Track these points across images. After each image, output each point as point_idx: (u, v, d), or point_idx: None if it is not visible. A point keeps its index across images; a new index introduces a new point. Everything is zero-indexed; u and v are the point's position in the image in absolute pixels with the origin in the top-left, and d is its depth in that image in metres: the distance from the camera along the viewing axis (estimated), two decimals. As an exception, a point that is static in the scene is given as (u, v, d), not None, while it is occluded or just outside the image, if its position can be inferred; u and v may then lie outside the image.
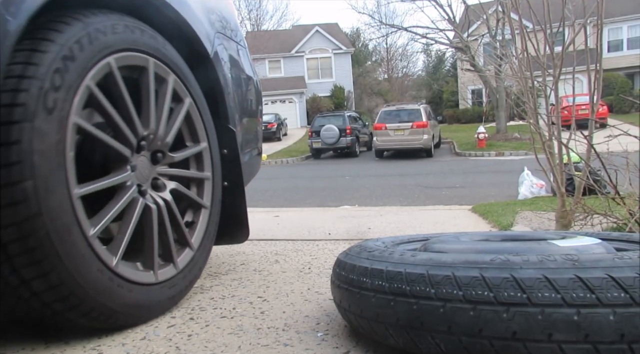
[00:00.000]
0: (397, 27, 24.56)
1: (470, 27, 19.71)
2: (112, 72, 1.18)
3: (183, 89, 1.44)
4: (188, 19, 1.46)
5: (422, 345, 0.87)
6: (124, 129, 1.21)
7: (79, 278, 1.03)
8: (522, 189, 6.06)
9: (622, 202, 2.08)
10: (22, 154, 0.94)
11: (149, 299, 1.23)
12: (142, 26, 1.30)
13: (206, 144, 1.53)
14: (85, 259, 1.05)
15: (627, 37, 26.65)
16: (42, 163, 0.97)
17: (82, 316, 1.08)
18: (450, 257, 0.90)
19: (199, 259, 1.46)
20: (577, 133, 2.41)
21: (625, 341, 0.74)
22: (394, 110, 17.16)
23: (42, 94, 0.97)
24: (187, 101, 1.45)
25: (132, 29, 1.25)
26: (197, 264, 1.45)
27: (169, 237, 1.33)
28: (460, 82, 31.10)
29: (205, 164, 1.53)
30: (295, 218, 3.65)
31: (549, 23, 2.45)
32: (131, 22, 1.25)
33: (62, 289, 1.02)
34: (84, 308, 1.07)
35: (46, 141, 0.98)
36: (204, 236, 1.49)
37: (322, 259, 2.00)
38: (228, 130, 1.64)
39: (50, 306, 1.04)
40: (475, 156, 16.15)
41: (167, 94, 1.37)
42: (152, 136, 1.32)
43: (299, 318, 1.25)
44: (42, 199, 0.97)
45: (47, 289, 1.01)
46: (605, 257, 0.82)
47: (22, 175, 0.94)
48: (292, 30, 36.28)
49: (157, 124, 1.33)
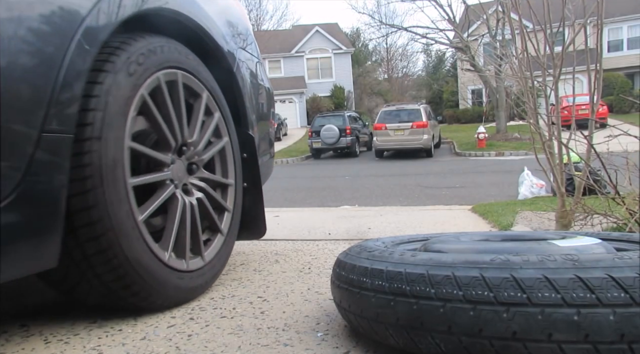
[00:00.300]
0: (397, 27, 24.57)
1: (470, 27, 19.71)
2: (160, 85, 1.35)
3: (214, 104, 1.62)
4: (217, 40, 1.66)
5: (422, 345, 0.87)
6: (168, 135, 1.38)
7: (134, 263, 1.19)
8: (522, 189, 6.06)
9: (622, 202, 2.08)
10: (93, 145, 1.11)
11: (181, 285, 1.36)
12: (181, 47, 1.48)
13: (230, 150, 1.69)
14: (137, 245, 1.20)
15: (627, 37, 26.65)
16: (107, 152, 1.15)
17: (132, 296, 1.24)
18: (450, 257, 0.90)
19: (223, 254, 1.61)
20: (577, 133, 2.41)
21: (625, 341, 0.74)
22: (394, 110, 17.16)
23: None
24: (216, 115, 1.62)
25: (176, 50, 1.44)
26: (221, 258, 1.60)
27: (199, 232, 1.48)
28: (460, 82, 31.10)
29: (229, 170, 1.70)
30: (295, 218, 3.65)
31: (549, 23, 2.45)
32: (173, 44, 1.44)
33: (119, 270, 1.17)
34: (134, 287, 1.22)
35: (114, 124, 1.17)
36: (227, 233, 1.64)
37: (322, 259, 2.00)
38: (248, 136, 1.82)
39: (108, 285, 1.20)
40: (475, 156, 16.15)
41: (201, 108, 1.54)
42: (192, 148, 1.50)
43: (299, 318, 1.25)
44: (106, 190, 1.13)
45: (108, 270, 1.17)
46: (605, 257, 0.82)
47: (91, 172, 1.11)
48: (292, 30, 36.29)
49: (192, 133, 1.50)
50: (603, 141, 2.21)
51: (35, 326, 1.25)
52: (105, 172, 1.13)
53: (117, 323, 1.25)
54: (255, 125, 1.92)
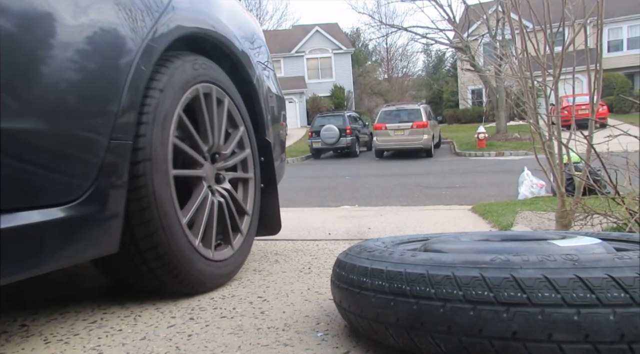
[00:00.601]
0: (397, 27, 24.57)
1: (470, 27, 19.71)
2: (199, 95, 1.54)
3: (239, 117, 1.80)
4: (242, 59, 1.84)
5: (422, 345, 0.87)
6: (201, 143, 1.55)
7: (176, 251, 1.35)
8: (522, 189, 6.06)
9: (622, 202, 2.08)
10: (145, 141, 1.29)
11: (216, 272, 1.53)
12: (213, 64, 1.65)
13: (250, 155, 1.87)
14: (179, 235, 1.36)
15: (627, 37, 26.65)
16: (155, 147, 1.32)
17: (177, 283, 1.41)
18: (450, 257, 0.90)
19: (244, 249, 1.76)
20: (577, 133, 2.40)
21: (625, 341, 0.74)
22: (394, 110, 17.15)
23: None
24: (241, 129, 1.81)
25: (211, 67, 1.62)
26: (243, 252, 1.75)
27: (229, 225, 1.65)
28: (460, 82, 31.10)
29: (249, 167, 1.86)
30: (295, 218, 3.65)
31: (549, 23, 2.45)
32: (208, 62, 1.62)
33: (165, 258, 1.33)
34: (180, 277, 1.39)
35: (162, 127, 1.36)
36: (248, 230, 1.81)
37: (322, 259, 2.00)
38: (265, 142, 2.01)
39: (157, 274, 1.36)
40: (475, 156, 16.14)
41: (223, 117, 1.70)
42: (218, 154, 1.66)
43: (299, 318, 1.25)
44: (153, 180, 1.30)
45: (159, 265, 1.34)
46: (605, 257, 0.82)
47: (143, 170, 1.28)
48: (292, 30, 36.27)
49: (218, 140, 1.65)
50: (603, 141, 2.21)
51: (35, 326, 1.25)
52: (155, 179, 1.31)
53: (117, 323, 1.25)
54: (270, 129, 2.12)
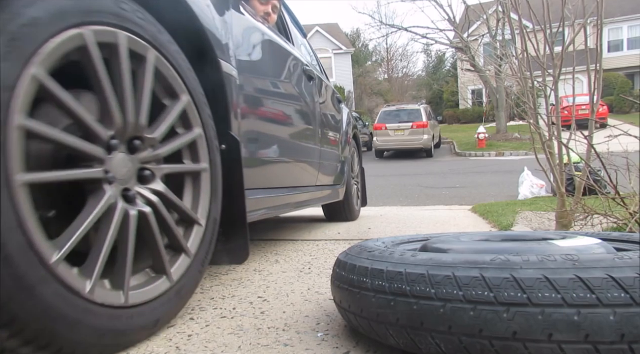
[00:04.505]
0: (397, 27, 24.53)
1: (470, 27, 19.70)
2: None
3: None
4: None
5: (422, 345, 0.87)
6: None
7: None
8: (522, 189, 6.06)
9: (622, 202, 2.08)
10: None
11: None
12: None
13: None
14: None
15: (627, 37, 26.63)
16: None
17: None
18: (450, 257, 0.90)
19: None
20: (577, 133, 2.41)
21: (626, 341, 0.74)
22: (394, 110, 17.16)
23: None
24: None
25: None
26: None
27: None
28: (460, 82, 31.08)
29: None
30: (296, 218, 3.65)
31: (548, 23, 2.45)
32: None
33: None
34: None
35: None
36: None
37: (322, 259, 2.00)
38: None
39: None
40: (475, 156, 16.15)
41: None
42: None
43: (299, 318, 1.25)
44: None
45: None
46: (605, 257, 0.82)
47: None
48: (292, 30, 36.23)
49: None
50: (603, 141, 2.21)
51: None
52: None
53: (117, 323, 1.25)
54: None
